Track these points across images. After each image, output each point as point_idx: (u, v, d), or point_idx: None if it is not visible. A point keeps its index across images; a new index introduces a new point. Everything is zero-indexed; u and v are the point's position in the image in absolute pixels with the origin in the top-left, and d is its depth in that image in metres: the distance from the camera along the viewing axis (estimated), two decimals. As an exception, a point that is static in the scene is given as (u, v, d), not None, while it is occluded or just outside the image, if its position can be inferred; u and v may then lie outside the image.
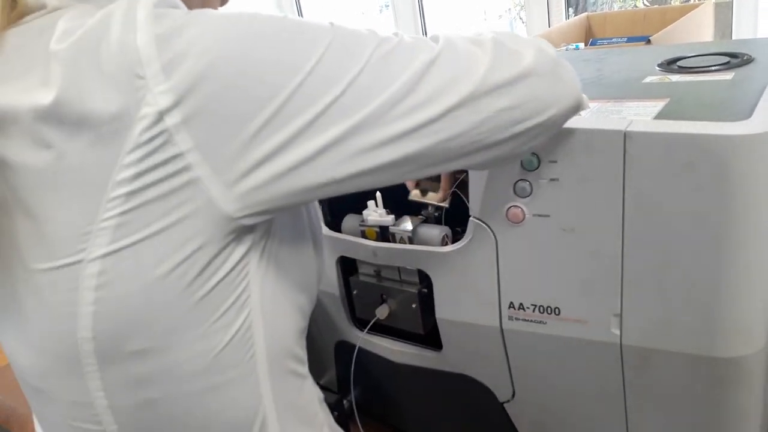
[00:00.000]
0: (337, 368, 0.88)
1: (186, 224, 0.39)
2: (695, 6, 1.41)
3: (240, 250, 0.43)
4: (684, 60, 0.80)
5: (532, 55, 0.45)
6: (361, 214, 0.75)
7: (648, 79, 0.75)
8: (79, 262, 0.40)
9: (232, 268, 0.43)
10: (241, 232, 0.43)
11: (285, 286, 0.49)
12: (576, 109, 0.51)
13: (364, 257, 0.74)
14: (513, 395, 0.71)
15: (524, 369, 0.68)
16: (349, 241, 0.74)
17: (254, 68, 0.38)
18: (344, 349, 0.84)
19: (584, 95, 0.54)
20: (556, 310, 0.63)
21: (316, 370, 0.95)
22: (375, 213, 0.73)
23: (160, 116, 0.37)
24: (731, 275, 0.54)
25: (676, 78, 0.74)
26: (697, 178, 0.52)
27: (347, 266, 0.78)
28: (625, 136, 0.54)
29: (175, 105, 0.37)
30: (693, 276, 0.55)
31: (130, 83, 0.36)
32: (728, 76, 0.71)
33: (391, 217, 0.73)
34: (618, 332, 0.60)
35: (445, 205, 0.71)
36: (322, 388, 0.96)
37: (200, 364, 0.44)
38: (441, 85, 0.41)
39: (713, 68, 0.75)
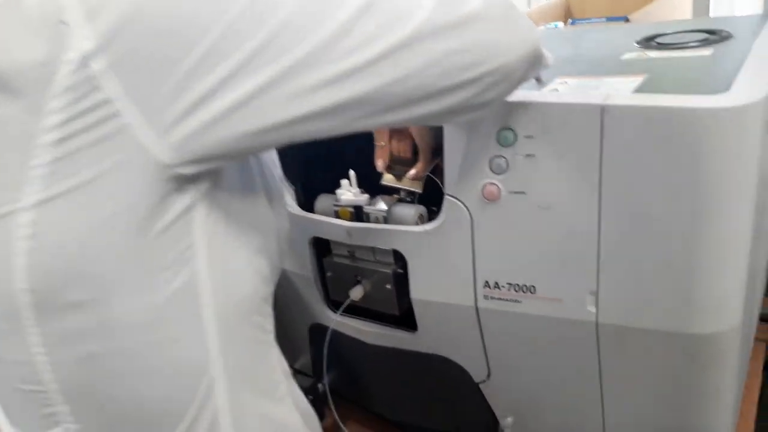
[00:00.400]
0: (312, 352, 0.87)
1: (120, 172, 0.39)
2: (673, -15, 1.41)
3: (182, 201, 0.42)
4: (662, 37, 0.79)
5: None
6: (334, 194, 0.73)
7: (626, 56, 0.74)
8: (11, 212, 0.39)
9: (174, 221, 0.42)
10: (182, 182, 0.41)
11: (237, 245, 0.47)
12: (532, 58, 0.47)
13: (337, 238, 0.72)
14: (488, 375, 0.70)
15: (500, 349, 0.67)
16: (323, 221, 0.72)
17: (181, 9, 0.37)
18: (319, 332, 0.82)
19: (546, 51, 0.52)
20: (532, 288, 0.62)
21: (290, 353, 0.94)
22: (349, 192, 0.71)
23: (85, 61, 0.36)
24: (708, 251, 0.53)
25: (654, 54, 0.73)
26: (674, 152, 0.51)
27: (321, 247, 0.76)
28: (603, 110, 0.53)
29: (100, 49, 0.36)
30: (669, 252, 0.55)
31: (54, 30, 0.36)
32: (706, 52, 0.70)
33: (366, 196, 0.71)
34: (594, 310, 0.60)
35: (419, 190, 0.69)
36: (297, 372, 0.96)
37: (141, 318, 0.42)
38: (381, 24, 0.39)
39: (691, 44, 0.74)
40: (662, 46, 0.76)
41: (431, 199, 0.68)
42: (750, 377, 0.85)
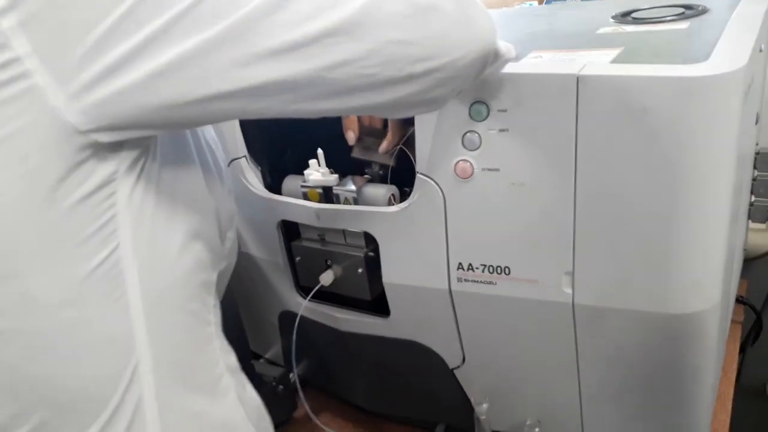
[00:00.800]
0: (282, 340, 0.84)
1: (28, 134, 0.37)
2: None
3: (102, 171, 0.40)
4: (638, 12, 0.77)
5: None
6: (302, 175, 0.70)
7: (601, 30, 0.72)
8: None
9: (93, 192, 0.40)
10: (101, 151, 0.39)
11: (167, 225, 0.44)
12: (486, 56, 0.44)
13: (306, 220, 0.69)
14: (463, 361, 0.68)
15: (474, 333, 0.65)
16: (290, 203, 0.69)
17: None
18: (289, 319, 0.79)
19: (507, 43, 0.49)
20: (506, 269, 0.60)
21: (261, 343, 0.91)
22: (317, 173, 0.68)
23: None
24: (686, 228, 0.52)
25: (630, 28, 0.71)
26: (652, 123, 0.49)
27: (289, 231, 0.73)
28: (578, 80, 0.51)
29: (10, 7, 0.35)
30: (647, 230, 0.53)
31: None
32: (683, 25, 0.68)
33: (335, 176, 0.68)
34: (570, 291, 0.58)
35: (391, 162, 0.67)
36: (269, 362, 0.93)
37: (59, 295, 0.40)
38: (318, 3, 0.37)
39: (668, 18, 0.72)
40: (638, 21, 0.74)
41: (404, 178, 0.66)
42: (726, 358, 0.85)
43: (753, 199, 0.83)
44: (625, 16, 0.77)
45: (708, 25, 0.66)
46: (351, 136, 0.64)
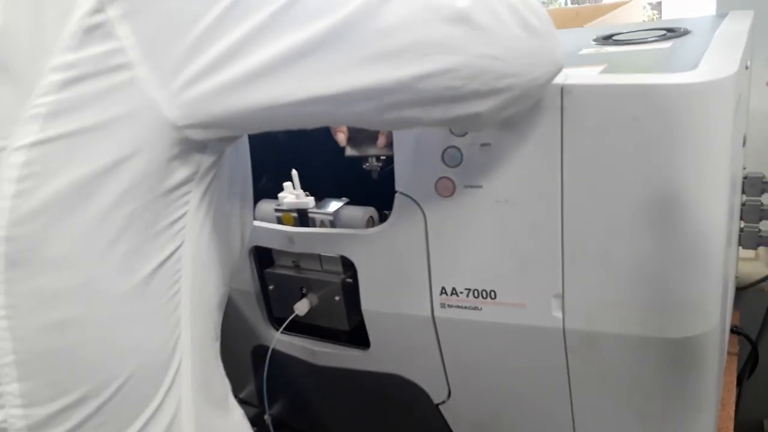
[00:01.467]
0: (256, 378, 0.79)
1: (124, 124, 0.37)
2: (626, 2, 1.41)
3: (184, 171, 0.40)
4: (620, 35, 0.77)
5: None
6: (276, 198, 0.66)
7: (584, 51, 0.71)
8: (2, 149, 0.37)
9: (174, 188, 0.40)
10: (187, 149, 0.40)
11: (216, 236, 0.46)
12: (556, 76, 0.46)
13: (280, 246, 0.65)
14: (449, 395, 0.63)
15: (460, 364, 0.61)
16: (262, 228, 0.66)
17: None
18: (263, 355, 0.74)
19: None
20: (492, 293, 0.56)
21: (232, 381, 0.85)
22: (291, 195, 0.65)
23: (101, 5, 0.36)
24: (682, 244, 0.49)
25: (612, 49, 0.70)
26: (643, 134, 0.47)
27: (262, 259, 0.69)
28: (563, 90, 0.49)
29: None
30: (640, 248, 0.50)
31: None
32: (666, 44, 0.67)
33: (311, 199, 0.65)
34: (560, 315, 0.54)
35: (389, 152, 0.63)
36: (242, 402, 0.87)
37: (122, 285, 0.40)
38: (429, 4, 0.37)
39: (650, 39, 0.71)
40: (620, 42, 0.73)
41: (386, 200, 0.62)
42: (724, 392, 0.81)
43: (743, 224, 0.81)
44: (606, 39, 0.76)
45: (692, 43, 0.65)
46: (341, 138, 0.61)
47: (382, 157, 0.63)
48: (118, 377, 0.40)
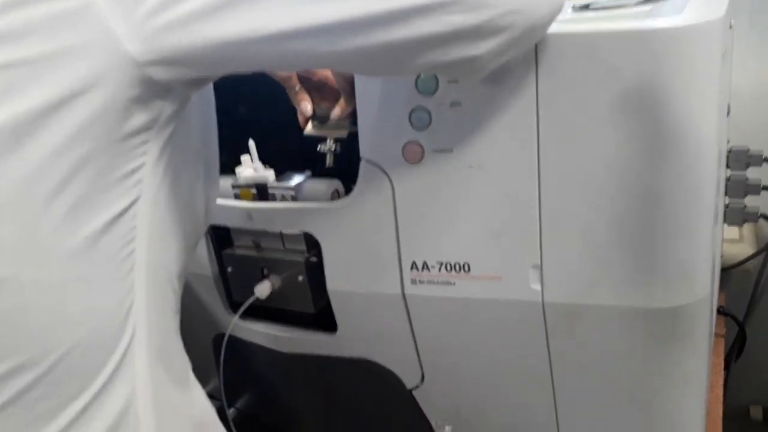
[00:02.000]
0: (218, 369, 0.74)
1: (77, 55, 0.33)
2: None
3: (143, 116, 0.37)
4: (597, 2, 0.73)
5: None
6: (234, 174, 0.62)
7: (560, 18, 0.67)
8: None
9: (131, 135, 0.36)
10: (148, 92, 0.36)
11: (177, 197, 0.42)
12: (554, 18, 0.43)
13: (238, 223, 0.61)
14: (422, 379, 0.59)
15: (433, 345, 0.57)
16: (219, 205, 0.61)
17: None
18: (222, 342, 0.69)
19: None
20: (466, 266, 0.52)
21: (197, 375, 0.81)
22: (250, 169, 0.60)
23: None
24: (671, 206, 0.45)
25: (591, 14, 0.66)
26: (625, 86, 0.43)
27: (221, 239, 0.65)
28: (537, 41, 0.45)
29: None
30: (624, 211, 0.46)
31: None
32: (646, 8, 0.64)
33: (270, 172, 0.60)
34: (539, 287, 0.50)
35: (344, 132, 0.58)
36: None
37: (67, 241, 0.35)
38: None
39: (629, 4, 0.67)
40: (598, 9, 0.69)
41: (351, 176, 0.58)
42: (712, 374, 0.78)
43: (727, 200, 0.78)
44: (583, 8, 0.72)
45: (671, 5, 0.61)
46: (306, 107, 0.57)
47: (339, 140, 0.59)
48: (60, 346, 0.36)
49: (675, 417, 0.53)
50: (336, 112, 0.55)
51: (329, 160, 0.57)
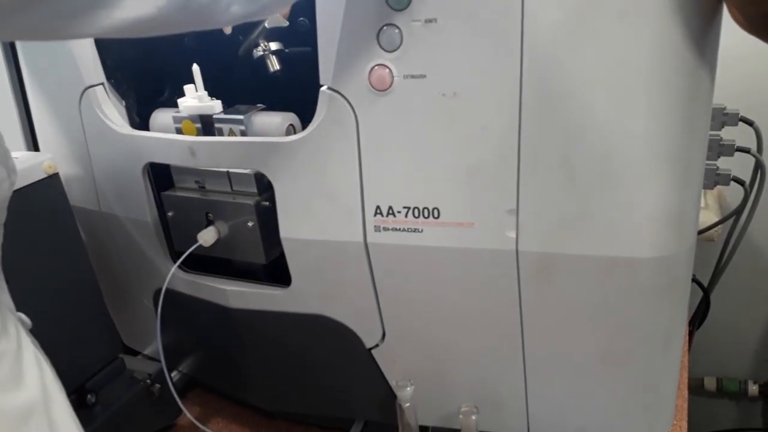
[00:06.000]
0: (157, 327, 0.67)
1: None
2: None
3: None
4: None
5: None
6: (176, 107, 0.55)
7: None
8: None
9: None
10: None
11: None
12: None
13: (179, 160, 0.54)
14: (383, 338, 0.54)
15: (396, 300, 0.52)
16: (158, 139, 0.54)
17: None
18: (167, 299, 0.63)
19: None
20: (435, 212, 0.47)
21: (135, 335, 0.74)
22: (193, 99, 0.53)
23: None
24: (659, 144, 0.41)
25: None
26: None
27: (161, 180, 0.58)
28: (524, -53, 0.39)
29: None
30: (610, 148, 0.42)
31: None
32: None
33: (217, 102, 0.53)
34: (513, 235, 0.45)
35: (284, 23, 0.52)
36: (147, 359, 0.75)
37: None
38: None
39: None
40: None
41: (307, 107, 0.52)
42: (677, 339, 0.76)
43: (700, 161, 0.75)
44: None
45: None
46: None
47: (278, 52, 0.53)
48: None
49: (650, 378, 0.50)
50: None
51: (272, 65, 0.51)
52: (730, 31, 0.39)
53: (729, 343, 1.10)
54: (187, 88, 0.54)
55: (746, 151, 0.77)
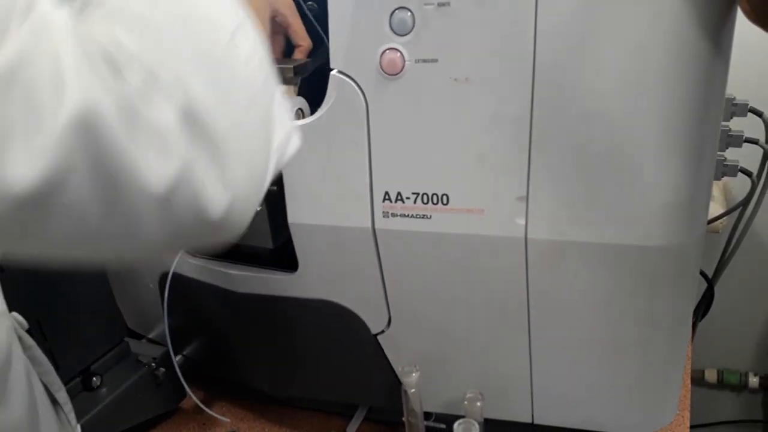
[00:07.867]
0: (163, 311, 0.67)
1: None
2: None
3: None
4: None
5: None
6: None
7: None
8: None
9: None
10: None
11: None
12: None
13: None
14: (389, 324, 0.54)
15: (403, 285, 0.52)
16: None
17: None
18: (172, 283, 0.63)
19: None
20: (444, 198, 0.47)
21: (140, 319, 0.74)
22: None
23: None
24: (675, 135, 0.41)
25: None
26: (635, -14, 0.38)
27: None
28: (541, -70, 0.39)
29: None
30: (622, 140, 0.41)
31: None
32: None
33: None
34: (523, 222, 0.45)
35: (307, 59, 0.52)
36: (151, 342, 0.76)
37: None
38: None
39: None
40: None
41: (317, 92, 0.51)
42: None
43: (708, 152, 0.74)
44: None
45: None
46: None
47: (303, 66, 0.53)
48: None
49: (657, 367, 0.50)
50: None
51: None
52: (740, 21, 0.39)
53: (731, 335, 1.10)
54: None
55: (755, 142, 0.77)
